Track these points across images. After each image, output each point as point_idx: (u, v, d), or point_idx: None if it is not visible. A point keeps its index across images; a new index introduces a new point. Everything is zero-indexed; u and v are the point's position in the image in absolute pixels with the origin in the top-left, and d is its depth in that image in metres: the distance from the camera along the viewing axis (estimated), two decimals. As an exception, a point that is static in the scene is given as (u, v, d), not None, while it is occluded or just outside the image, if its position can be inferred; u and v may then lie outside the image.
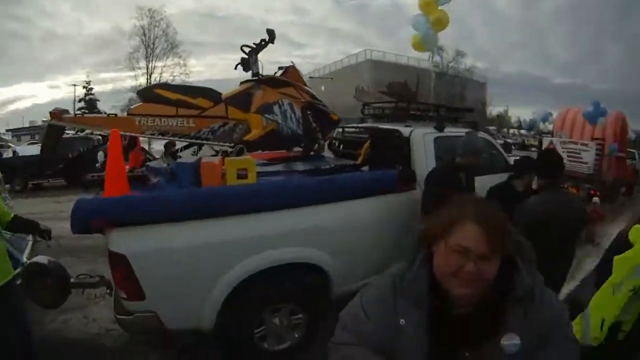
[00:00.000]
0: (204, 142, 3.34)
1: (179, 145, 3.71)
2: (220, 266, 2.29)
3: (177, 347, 2.77)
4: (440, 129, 3.62)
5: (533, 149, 24.43)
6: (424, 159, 3.29)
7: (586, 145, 8.56)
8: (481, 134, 3.84)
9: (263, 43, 3.59)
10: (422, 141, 3.36)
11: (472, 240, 0.84)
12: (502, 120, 45.62)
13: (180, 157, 3.41)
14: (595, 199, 6.70)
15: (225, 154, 3.21)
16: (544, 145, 9.35)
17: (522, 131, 37.77)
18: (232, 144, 3.28)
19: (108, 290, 2.57)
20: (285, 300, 2.58)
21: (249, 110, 3.41)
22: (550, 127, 12.19)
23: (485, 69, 39.64)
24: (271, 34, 3.59)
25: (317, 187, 2.68)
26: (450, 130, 3.73)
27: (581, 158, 8.44)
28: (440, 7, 5.82)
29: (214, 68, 61.19)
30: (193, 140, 3.33)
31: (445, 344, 0.89)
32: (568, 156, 8.64)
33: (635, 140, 14.57)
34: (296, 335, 2.64)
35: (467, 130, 3.51)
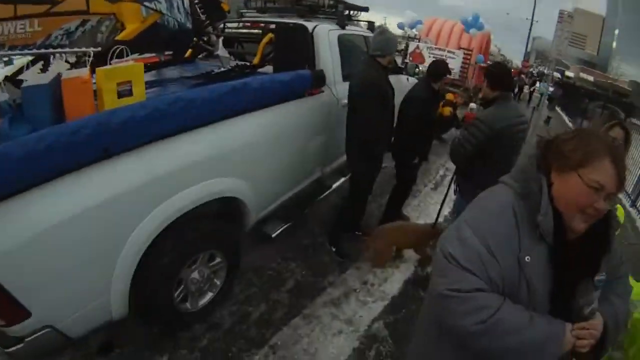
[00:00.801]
0: (60, 50, 2.12)
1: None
2: (121, 232, 1.66)
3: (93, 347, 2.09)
4: (342, 26, 3.41)
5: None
6: (329, 58, 3.07)
7: (453, 53, 9.51)
8: None
9: None
10: (327, 38, 3.10)
11: (609, 178, 0.84)
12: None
13: (25, 81, 2.07)
14: (472, 104, 7.70)
15: (94, 63, 2.05)
16: (410, 49, 10.09)
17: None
18: (100, 48, 2.19)
19: None
20: (203, 248, 2.13)
21: None
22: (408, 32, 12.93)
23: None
24: None
25: (230, 97, 2.08)
26: (350, 28, 3.56)
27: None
28: None
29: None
30: (42, 51, 2.20)
31: (565, 274, 0.91)
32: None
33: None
34: (218, 283, 2.32)
35: (378, 28, 3.32)
